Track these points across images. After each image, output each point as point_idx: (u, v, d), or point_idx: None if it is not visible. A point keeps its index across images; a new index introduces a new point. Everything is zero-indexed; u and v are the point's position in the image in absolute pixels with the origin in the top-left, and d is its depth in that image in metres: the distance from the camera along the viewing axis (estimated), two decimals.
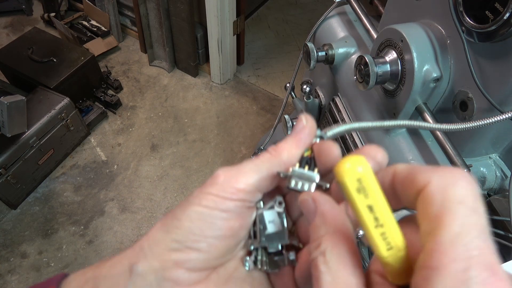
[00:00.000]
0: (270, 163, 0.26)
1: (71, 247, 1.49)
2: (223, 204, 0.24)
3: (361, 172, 0.18)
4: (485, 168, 0.61)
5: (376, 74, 0.57)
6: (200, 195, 0.24)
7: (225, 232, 0.24)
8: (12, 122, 1.39)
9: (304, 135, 0.27)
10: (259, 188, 0.25)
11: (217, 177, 0.25)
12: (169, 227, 0.24)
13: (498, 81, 0.49)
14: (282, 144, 0.27)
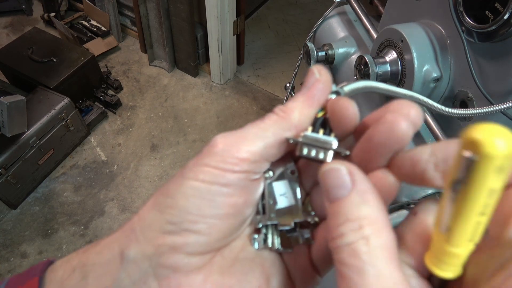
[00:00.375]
0: (278, 127, 0.22)
1: (71, 247, 1.49)
2: (223, 177, 0.20)
3: (510, 149, 0.14)
4: None
5: (376, 74, 0.58)
6: (195, 168, 0.21)
7: (228, 210, 0.21)
8: (12, 122, 1.39)
9: (317, 91, 0.22)
10: (265, 156, 0.22)
11: (215, 145, 0.21)
12: (161, 206, 0.21)
13: (498, 81, 0.49)
14: (291, 103, 0.22)
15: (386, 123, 0.19)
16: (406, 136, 0.19)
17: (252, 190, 0.22)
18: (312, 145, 0.21)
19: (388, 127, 0.19)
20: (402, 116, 0.19)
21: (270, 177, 0.24)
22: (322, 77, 0.22)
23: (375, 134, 0.19)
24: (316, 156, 0.21)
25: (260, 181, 0.23)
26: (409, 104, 0.20)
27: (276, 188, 0.24)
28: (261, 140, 0.21)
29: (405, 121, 0.19)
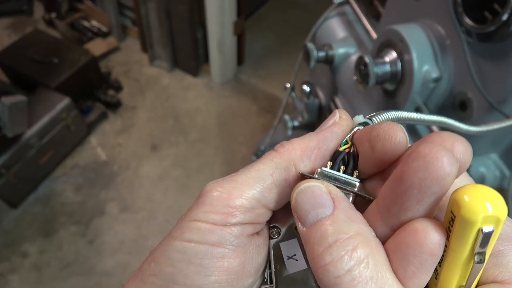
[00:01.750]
0: (276, 165, 0.18)
1: (72, 247, 1.50)
2: (213, 234, 0.17)
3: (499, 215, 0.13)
4: (484, 168, 0.61)
5: (376, 75, 0.58)
6: (182, 224, 0.18)
7: (220, 276, 0.17)
8: (13, 122, 1.39)
9: (332, 134, 0.19)
10: (263, 202, 0.18)
11: (204, 194, 0.18)
12: (145, 274, 0.18)
13: (497, 82, 0.49)
14: (297, 140, 0.19)
15: (421, 158, 0.14)
16: (449, 177, 0.14)
17: (251, 250, 0.18)
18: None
19: (424, 163, 0.14)
20: (444, 150, 0.14)
21: (276, 237, 0.20)
22: (342, 121, 0.19)
23: (407, 172, 0.15)
24: None
25: (261, 240, 0.19)
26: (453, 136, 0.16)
27: (284, 250, 0.19)
28: (257, 182, 0.18)
29: (447, 156, 0.14)
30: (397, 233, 0.15)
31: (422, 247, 0.14)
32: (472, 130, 0.34)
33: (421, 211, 0.15)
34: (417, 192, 0.15)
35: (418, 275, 0.15)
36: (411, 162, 0.15)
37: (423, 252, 0.14)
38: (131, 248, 1.49)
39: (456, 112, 0.57)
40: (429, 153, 0.14)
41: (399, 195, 0.15)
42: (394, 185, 0.15)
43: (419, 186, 0.14)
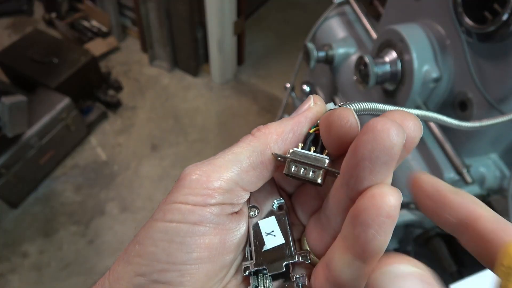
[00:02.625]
0: (252, 148, 0.19)
1: (72, 247, 1.50)
2: (193, 214, 0.18)
3: None
4: (484, 168, 0.61)
5: (376, 75, 0.58)
6: (164, 206, 0.19)
7: (201, 252, 0.18)
8: (13, 122, 1.39)
9: (306, 119, 0.20)
10: (241, 183, 0.19)
11: (183, 177, 0.19)
12: (130, 255, 0.18)
13: (497, 82, 0.49)
14: (273, 124, 0.20)
15: (370, 131, 0.15)
16: (396, 147, 0.15)
17: (230, 228, 0.19)
18: (301, 162, 0.19)
19: (372, 135, 0.15)
20: (390, 122, 0.15)
21: (255, 216, 0.21)
22: (315, 106, 0.20)
23: (359, 145, 0.16)
24: (305, 175, 0.19)
25: (241, 218, 0.20)
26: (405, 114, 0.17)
27: (262, 226, 0.20)
28: (234, 165, 0.19)
29: (393, 128, 0.15)
30: (356, 201, 0.16)
31: (380, 210, 0.15)
32: (463, 125, 0.35)
33: (375, 180, 0.16)
34: (368, 163, 0.16)
35: (378, 237, 0.16)
36: (362, 135, 0.16)
37: (381, 215, 0.15)
38: None
39: (456, 112, 0.57)
40: (377, 126, 0.15)
41: (354, 167, 0.16)
42: (349, 159, 0.16)
43: (369, 157, 0.15)
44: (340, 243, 0.17)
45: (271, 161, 0.20)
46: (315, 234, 0.20)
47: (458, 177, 0.57)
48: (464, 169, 0.55)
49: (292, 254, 0.20)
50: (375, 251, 0.16)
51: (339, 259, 0.17)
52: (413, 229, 0.64)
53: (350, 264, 0.17)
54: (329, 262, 0.18)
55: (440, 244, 0.62)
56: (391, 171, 0.16)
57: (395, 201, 0.15)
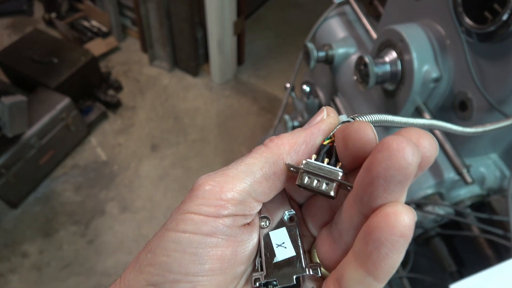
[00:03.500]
0: (265, 159, 0.19)
1: (72, 247, 1.50)
2: (206, 225, 0.18)
3: None
4: (484, 168, 0.61)
5: (376, 75, 0.58)
6: (177, 216, 0.18)
7: (213, 264, 0.18)
8: (13, 122, 1.39)
9: (319, 131, 0.20)
10: (254, 195, 0.19)
11: (197, 188, 0.19)
12: (142, 264, 0.18)
13: (497, 81, 0.49)
14: (286, 135, 0.20)
15: (385, 149, 0.15)
16: (411, 167, 0.15)
17: (242, 240, 0.19)
18: (315, 174, 0.19)
19: (388, 154, 0.15)
20: (406, 141, 0.15)
21: (266, 226, 0.21)
22: (329, 118, 0.20)
23: (373, 163, 0.16)
24: (318, 187, 0.18)
25: (252, 229, 0.20)
26: (421, 132, 0.17)
27: (273, 238, 0.20)
28: (248, 176, 0.19)
29: (409, 147, 0.15)
30: (370, 218, 0.16)
31: (394, 229, 0.15)
32: (467, 131, 0.34)
33: (389, 199, 0.16)
34: (383, 181, 0.16)
35: (391, 256, 0.16)
36: (377, 153, 0.16)
37: (395, 234, 0.15)
38: (131, 248, 1.49)
39: (456, 112, 0.57)
40: (392, 144, 0.15)
41: (368, 184, 0.16)
42: (364, 176, 0.16)
43: (384, 175, 0.15)
44: (352, 259, 0.17)
45: (283, 172, 0.19)
46: (326, 247, 0.20)
47: (458, 177, 0.57)
48: (464, 169, 0.55)
49: (302, 267, 0.19)
50: (388, 269, 0.16)
51: (350, 275, 0.17)
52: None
53: (362, 280, 0.17)
54: (340, 277, 0.18)
55: (440, 244, 0.62)
56: (406, 190, 0.16)
57: (409, 220, 0.15)
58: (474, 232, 0.58)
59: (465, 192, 0.60)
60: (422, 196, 0.60)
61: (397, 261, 0.16)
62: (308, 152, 0.20)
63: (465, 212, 0.58)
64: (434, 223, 0.61)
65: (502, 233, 0.54)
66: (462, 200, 0.60)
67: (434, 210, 0.58)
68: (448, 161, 0.58)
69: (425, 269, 0.72)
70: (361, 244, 0.17)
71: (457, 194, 0.61)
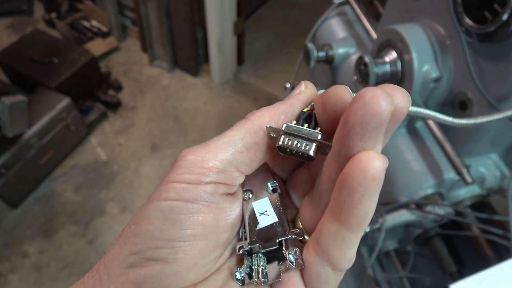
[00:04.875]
0: (246, 130, 0.20)
1: (72, 247, 1.50)
2: (188, 192, 0.18)
3: None
4: (484, 168, 0.61)
5: (376, 75, 0.58)
6: (160, 187, 0.19)
7: (194, 229, 0.18)
8: (13, 122, 1.39)
9: (298, 101, 0.21)
10: (235, 164, 0.19)
11: (179, 159, 0.19)
12: (126, 236, 0.18)
13: (497, 81, 0.49)
14: (266, 108, 0.21)
15: (361, 99, 0.16)
16: (385, 113, 0.16)
17: (224, 207, 0.20)
18: (295, 135, 0.19)
19: (363, 102, 0.16)
20: (380, 90, 0.16)
21: (250, 199, 0.21)
22: (306, 90, 0.21)
23: (350, 113, 0.16)
24: (298, 147, 0.19)
25: (235, 199, 0.20)
26: (393, 86, 0.17)
27: (256, 208, 0.21)
28: (229, 146, 0.19)
29: (383, 95, 0.15)
30: (345, 167, 0.16)
31: (365, 173, 0.16)
32: (455, 122, 0.35)
33: (365, 147, 0.16)
34: (359, 129, 0.16)
35: (363, 201, 0.16)
36: (353, 103, 0.16)
37: (366, 177, 0.16)
38: None
39: (456, 112, 0.57)
40: (366, 94, 0.16)
41: (345, 135, 0.17)
42: (340, 128, 0.17)
43: (360, 123, 0.16)
44: (328, 214, 0.18)
45: (264, 141, 0.20)
46: (308, 213, 0.20)
47: (458, 177, 0.57)
48: (464, 169, 0.55)
49: (285, 232, 0.20)
50: (361, 217, 0.16)
51: (326, 230, 0.18)
52: (413, 229, 0.64)
53: (337, 233, 0.17)
54: (318, 235, 0.18)
55: (440, 244, 0.62)
56: (380, 138, 0.16)
57: (380, 164, 0.16)
58: (474, 232, 0.58)
59: (465, 192, 0.60)
60: (422, 196, 0.60)
61: (370, 208, 0.16)
62: (287, 121, 0.20)
63: (465, 212, 0.58)
64: (434, 223, 0.61)
65: (502, 233, 0.54)
66: (462, 200, 0.60)
67: (434, 210, 0.58)
68: (448, 161, 0.58)
69: (425, 269, 0.72)
70: (335, 195, 0.17)
71: (457, 194, 0.61)
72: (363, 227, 0.17)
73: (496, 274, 0.43)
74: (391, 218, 0.60)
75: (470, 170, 0.56)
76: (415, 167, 0.61)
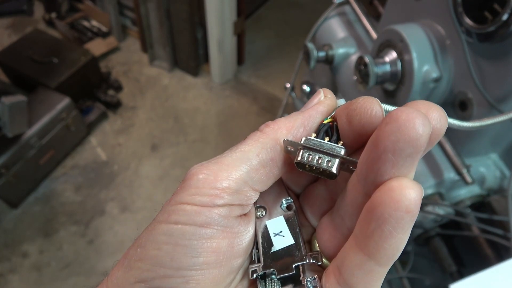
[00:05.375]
0: (261, 145, 0.18)
1: (72, 247, 1.50)
2: (200, 215, 0.16)
3: None
4: (484, 168, 0.61)
5: (376, 75, 0.58)
6: (168, 208, 0.17)
7: (208, 257, 0.16)
8: (13, 122, 1.39)
9: (317, 113, 0.19)
10: (251, 182, 0.18)
11: (189, 177, 0.17)
12: (131, 260, 0.17)
13: (497, 81, 0.49)
14: (282, 119, 0.19)
15: (394, 121, 0.14)
16: (422, 138, 0.14)
17: (239, 231, 0.18)
18: (315, 150, 0.17)
19: (397, 125, 0.14)
20: (416, 112, 0.14)
21: (263, 216, 0.19)
22: (326, 100, 0.19)
23: (381, 136, 0.14)
24: (319, 163, 0.17)
25: (249, 220, 0.19)
26: (428, 103, 0.15)
27: (270, 228, 0.19)
28: (243, 163, 0.17)
29: (419, 118, 0.14)
30: (373, 195, 0.15)
31: (398, 204, 0.14)
32: (464, 125, 0.35)
33: (397, 175, 0.15)
34: (391, 156, 0.14)
35: (395, 235, 0.14)
36: (385, 125, 0.14)
37: (399, 209, 0.14)
38: None
39: (456, 112, 0.57)
40: (401, 115, 0.14)
41: (375, 160, 0.15)
42: (370, 151, 0.15)
43: (393, 148, 0.14)
44: (353, 243, 0.16)
45: (281, 157, 0.18)
46: (327, 235, 0.18)
47: (458, 177, 0.57)
48: (464, 169, 0.55)
49: (302, 256, 0.18)
50: (391, 251, 0.15)
51: (350, 260, 0.16)
52: (413, 229, 0.64)
53: (362, 265, 0.15)
54: (340, 264, 0.16)
55: (440, 244, 0.62)
56: (415, 165, 0.15)
57: (416, 195, 0.14)
58: (474, 232, 0.58)
59: (465, 192, 0.60)
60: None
61: (402, 242, 0.15)
62: (306, 135, 0.19)
63: (465, 212, 0.58)
64: (434, 223, 0.61)
65: (502, 233, 0.54)
66: (462, 200, 0.60)
67: (434, 210, 0.58)
68: (448, 161, 0.58)
69: (425, 269, 0.72)
70: (362, 225, 0.15)
71: (457, 194, 0.61)
72: (392, 261, 0.15)
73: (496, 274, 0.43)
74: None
75: (470, 170, 0.56)
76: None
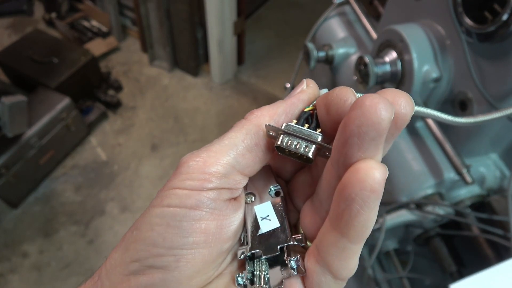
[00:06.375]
0: (246, 131, 0.19)
1: (72, 247, 1.50)
2: (190, 198, 0.18)
3: None
4: (484, 168, 0.61)
5: (376, 75, 0.58)
6: (161, 193, 0.18)
7: (197, 237, 0.18)
8: (13, 122, 1.39)
9: (299, 101, 0.20)
10: (238, 167, 0.19)
11: (181, 165, 0.19)
12: (128, 242, 0.18)
13: (497, 81, 0.49)
14: (266, 107, 0.21)
15: (358, 107, 0.15)
16: (383, 123, 0.15)
17: (227, 214, 0.19)
18: (294, 135, 0.18)
19: (360, 111, 0.15)
20: (378, 97, 0.15)
21: (252, 202, 0.21)
22: (308, 89, 0.20)
23: (347, 122, 0.16)
24: (297, 148, 0.18)
25: (238, 205, 0.20)
26: (396, 91, 0.17)
27: (258, 212, 0.20)
28: (231, 149, 0.19)
29: (381, 103, 0.15)
30: (343, 176, 0.16)
31: (363, 184, 0.15)
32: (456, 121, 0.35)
33: (364, 157, 0.16)
34: (357, 139, 0.15)
35: (362, 213, 0.15)
36: (351, 111, 0.15)
37: (364, 189, 0.15)
38: None
39: (456, 112, 0.57)
40: (365, 101, 0.15)
41: (344, 144, 0.16)
42: (339, 136, 0.16)
43: (358, 132, 0.15)
44: (328, 223, 0.17)
45: (265, 142, 0.20)
46: (308, 219, 0.20)
47: (458, 177, 0.57)
48: (464, 169, 0.55)
49: (286, 238, 0.19)
50: (360, 228, 0.16)
51: (326, 240, 0.17)
52: (413, 229, 0.64)
53: (336, 243, 0.17)
54: (318, 244, 0.18)
55: (440, 244, 0.62)
56: (380, 148, 0.16)
57: (379, 175, 0.15)
58: (474, 232, 0.58)
59: (465, 192, 0.60)
60: (422, 196, 0.60)
61: (370, 219, 0.16)
62: (288, 121, 0.20)
63: (465, 212, 0.58)
64: (434, 223, 0.61)
65: (502, 233, 0.54)
66: (462, 200, 0.60)
67: (434, 210, 0.58)
68: (448, 161, 0.58)
69: (425, 269, 0.72)
70: (334, 205, 0.16)
71: (457, 194, 0.61)
72: (363, 238, 0.16)
73: (496, 274, 0.43)
74: (391, 218, 0.60)
75: (470, 170, 0.56)
76: (415, 167, 0.61)
